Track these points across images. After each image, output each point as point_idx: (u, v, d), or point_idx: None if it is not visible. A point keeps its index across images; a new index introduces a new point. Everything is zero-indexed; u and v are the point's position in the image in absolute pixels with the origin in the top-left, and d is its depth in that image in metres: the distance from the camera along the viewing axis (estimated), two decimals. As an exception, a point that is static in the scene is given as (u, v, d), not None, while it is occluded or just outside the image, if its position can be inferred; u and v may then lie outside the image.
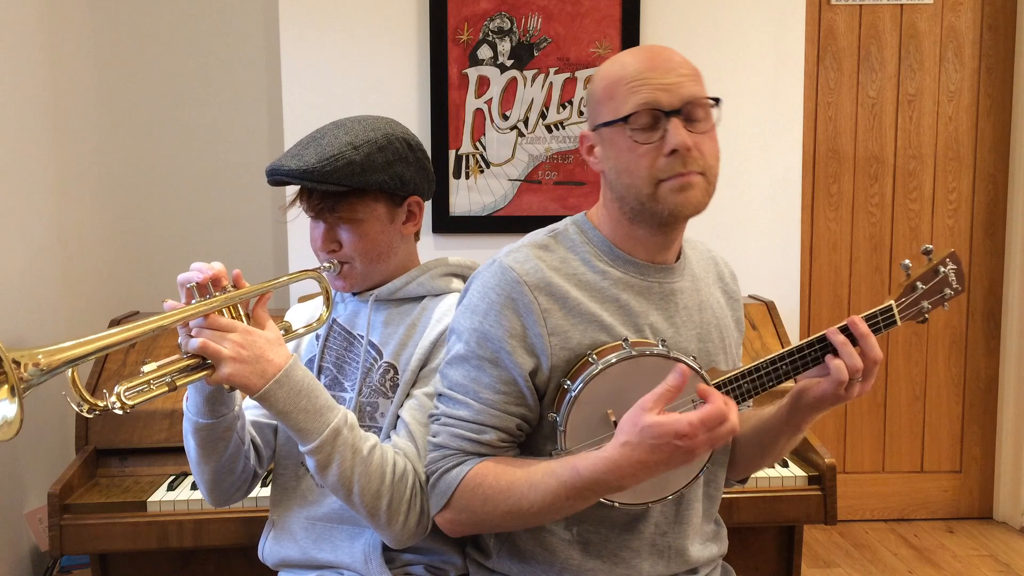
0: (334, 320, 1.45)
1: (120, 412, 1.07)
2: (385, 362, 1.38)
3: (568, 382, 1.15)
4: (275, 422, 1.44)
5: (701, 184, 1.17)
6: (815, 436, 2.03)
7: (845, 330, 1.20)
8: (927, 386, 3.14)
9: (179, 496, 1.84)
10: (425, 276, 1.42)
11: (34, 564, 2.29)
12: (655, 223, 1.19)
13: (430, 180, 1.45)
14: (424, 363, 1.34)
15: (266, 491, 1.46)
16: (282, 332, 1.29)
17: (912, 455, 3.16)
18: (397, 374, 1.36)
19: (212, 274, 1.18)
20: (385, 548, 1.33)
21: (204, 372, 1.15)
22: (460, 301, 1.26)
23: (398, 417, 1.34)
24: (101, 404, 1.07)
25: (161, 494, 1.85)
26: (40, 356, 0.97)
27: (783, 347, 2.31)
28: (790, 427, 1.27)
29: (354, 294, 1.45)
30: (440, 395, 1.23)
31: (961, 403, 3.16)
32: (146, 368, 1.12)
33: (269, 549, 1.43)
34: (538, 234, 1.27)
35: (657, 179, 1.15)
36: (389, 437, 1.33)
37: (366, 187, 1.32)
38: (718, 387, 1.18)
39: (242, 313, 1.22)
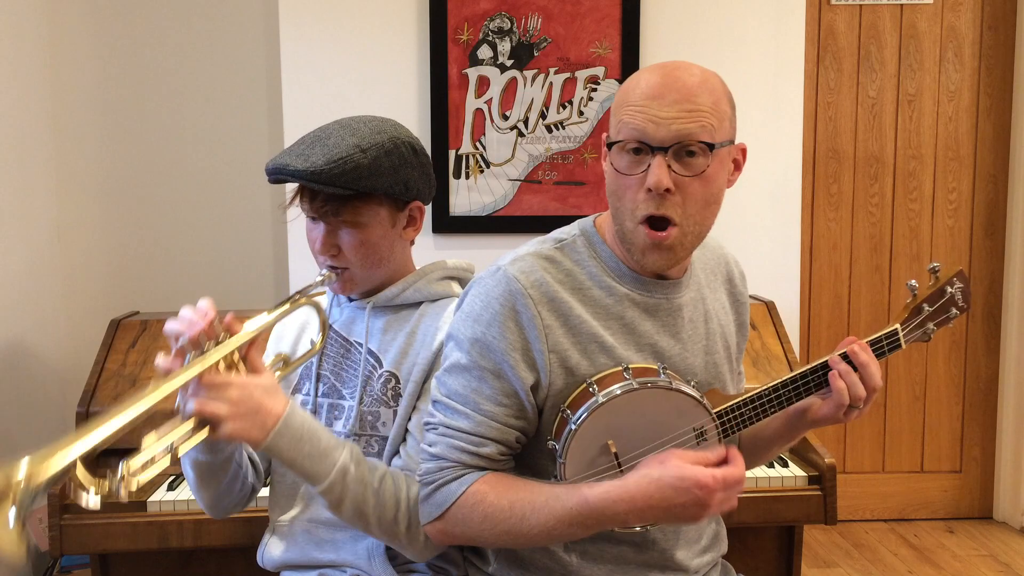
0: (329, 325, 1.43)
1: (126, 500, 1.04)
2: (386, 371, 1.36)
3: (568, 412, 1.13)
4: None
5: (676, 238, 1.12)
6: (815, 436, 2.02)
7: (847, 357, 1.20)
8: (927, 386, 3.14)
9: (179, 496, 1.84)
10: (422, 282, 1.40)
11: (34, 564, 2.29)
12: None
13: (432, 185, 1.43)
14: (428, 375, 1.33)
15: (266, 491, 1.46)
16: (281, 364, 1.29)
17: (912, 455, 3.16)
18: (399, 383, 1.35)
19: (204, 326, 1.13)
20: (388, 546, 1.32)
21: (204, 432, 1.13)
22: (459, 306, 1.23)
23: (406, 431, 1.33)
24: (107, 486, 1.03)
25: (161, 494, 1.85)
26: (26, 476, 0.90)
27: (783, 347, 2.31)
28: (785, 439, 1.30)
29: (349, 299, 1.44)
30: (436, 402, 1.20)
31: (961, 403, 3.15)
32: (146, 442, 1.08)
33: (269, 555, 1.42)
34: (545, 242, 1.23)
35: (639, 217, 1.12)
36: (395, 451, 1.33)
37: (372, 191, 1.30)
38: (721, 415, 1.17)
39: (236, 358, 1.17)
